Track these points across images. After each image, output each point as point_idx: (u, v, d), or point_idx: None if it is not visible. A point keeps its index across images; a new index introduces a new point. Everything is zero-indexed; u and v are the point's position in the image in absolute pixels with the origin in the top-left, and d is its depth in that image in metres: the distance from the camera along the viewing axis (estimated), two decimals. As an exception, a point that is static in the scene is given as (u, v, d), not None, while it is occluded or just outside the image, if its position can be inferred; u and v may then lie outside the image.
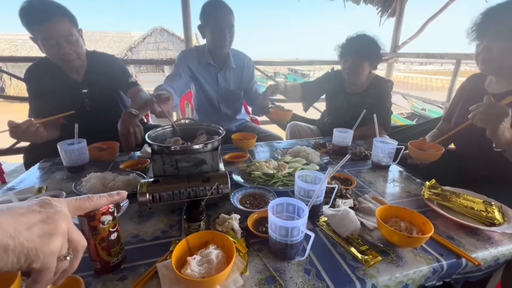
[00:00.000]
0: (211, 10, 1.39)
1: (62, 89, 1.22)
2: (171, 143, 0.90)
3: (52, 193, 0.81)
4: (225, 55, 1.56)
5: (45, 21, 1.05)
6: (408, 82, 18.85)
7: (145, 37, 10.36)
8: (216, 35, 1.42)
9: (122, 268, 0.55)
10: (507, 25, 0.88)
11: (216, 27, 1.40)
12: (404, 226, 0.64)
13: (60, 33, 1.08)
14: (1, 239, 0.28)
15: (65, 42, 1.10)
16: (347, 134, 1.16)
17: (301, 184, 0.71)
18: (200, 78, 1.57)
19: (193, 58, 1.54)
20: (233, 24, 1.43)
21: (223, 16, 1.39)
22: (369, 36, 1.45)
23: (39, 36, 1.08)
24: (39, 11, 1.05)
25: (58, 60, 1.16)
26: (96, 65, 1.29)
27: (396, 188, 0.93)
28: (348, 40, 1.49)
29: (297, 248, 0.57)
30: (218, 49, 1.49)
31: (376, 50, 1.45)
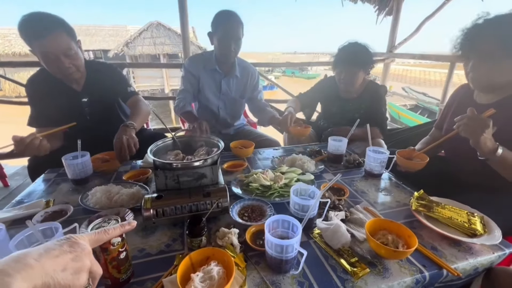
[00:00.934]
0: (221, 20, 1.44)
1: (62, 99, 1.25)
2: (172, 156, 0.94)
3: (60, 207, 0.85)
4: (230, 63, 1.60)
5: (43, 36, 1.06)
6: (406, 75, 18.84)
7: (141, 31, 10.24)
8: (223, 44, 1.47)
9: (131, 283, 0.60)
10: (489, 45, 0.91)
11: (224, 37, 1.44)
12: (391, 239, 0.69)
13: (58, 48, 1.09)
14: (44, 280, 0.34)
15: (63, 57, 1.11)
16: (341, 142, 1.20)
17: (296, 200, 0.75)
18: (204, 83, 1.61)
19: (198, 65, 1.59)
20: (241, 37, 1.47)
21: (232, 28, 1.43)
22: (360, 44, 1.48)
23: (38, 50, 1.10)
24: (37, 26, 1.06)
25: (57, 74, 1.18)
26: (95, 75, 1.31)
27: (387, 197, 0.98)
28: (340, 50, 1.52)
29: (291, 263, 0.62)
30: (223, 57, 1.54)
31: (369, 57, 1.49)
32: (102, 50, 12.24)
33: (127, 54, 10.22)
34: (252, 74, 1.70)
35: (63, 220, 0.79)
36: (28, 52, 1.17)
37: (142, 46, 10.10)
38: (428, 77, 17.00)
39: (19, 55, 10.25)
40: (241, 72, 1.65)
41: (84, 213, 0.85)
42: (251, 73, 1.69)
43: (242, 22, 1.45)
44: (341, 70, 1.53)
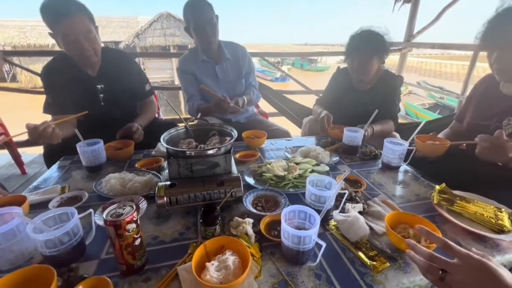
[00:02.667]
0: (188, 10, 1.44)
1: (77, 85, 1.26)
2: (185, 144, 0.92)
3: (75, 193, 0.86)
4: (216, 49, 1.59)
5: (66, 18, 1.08)
6: (421, 67, 18.19)
7: (151, 23, 10.23)
8: (199, 33, 1.46)
9: (145, 269, 0.60)
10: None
11: (196, 25, 1.44)
12: (413, 233, 0.66)
13: (79, 30, 1.11)
14: None
15: (84, 39, 1.13)
16: (357, 133, 1.16)
17: (313, 190, 0.73)
18: (200, 77, 1.60)
19: (190, 62, 1.60)
20: (212, 17, 1.45)
21: (200, 12, 1.42)
22: (373, 31, 1.39)
23: (59, 32, 1.11)
24: (60, 8, 1.08)
25: (76, 56, 1.18)
26: (110, 62, 1.31)
27: (405, 191, 0.94)
28: (352, 37, 1.43)
29: (309, 254, 0.60)
30: (206, 45, 1.53)
31: (383, 43, 1.39)
32: (113, 41, 12.34)
33: (138, 45, 10.25)
34: (242, 52, 1.68)
35: (78, 206, 0.79)
36: (42, 44, 1.18)
37: (152, 37, 10.09)
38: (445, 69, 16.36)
39: (33, 47, 10.44)
40: (230, 54, 1.63)
41: (98, 199, 0.86)
42: (241, 52, 1.68)
43: (209, 3, 1.44)
44: (354, 58, 1.45)
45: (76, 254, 0.61)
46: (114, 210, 0.55)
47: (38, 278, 0.51)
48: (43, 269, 0.52)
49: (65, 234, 0.57)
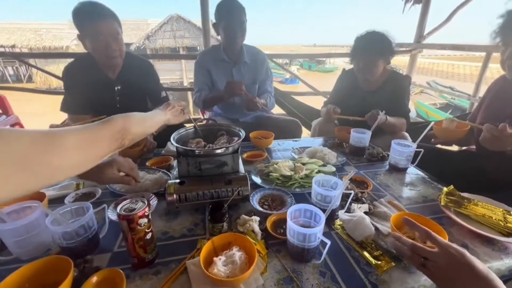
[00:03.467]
0: (222, 9, 1.49)
1: (97, 85, 1.30)
2: (193, 144, 0.95)
3: (89, 189, 0.89)
4: (238, 50, 1.63)
5: (98, 19, 1.15)
6: (433, 69, 17.82)
7: (161, 25, 10.41)
8: (228, 32, 1.51)
9: (156, 263, 0.62)
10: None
11: (227, 24, 1.48)
12: (418, 234, 0.67)
13: (109, 31, 1.17)
14: None
15: (112, 40, 1.19)
16: (364, 135, 1.16)
17: (319, 190, 0.74)
18: (215, 75, 1.64)
19: (208, 58, 1.64)
20: (244, 20, 1.49)
21: (234, 13, 1.47)
22: (378, 32, 1.40)
23: (89, 33, 1.17)
24: (92, 12, 1.15)
25: (102, 56, 1.23)
26: (131, 66, 1.36)
27: (412, 192, 0.94)
28: (357, 39, 1.45)
29: (313, 252, 0.61)
30: (231, 45, 1.58)
31: (388, 44, 1.41)
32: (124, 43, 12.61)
33: (148, 47, 10.45)
34: (261, 58, 1.71)
35: (92, 201, 0.82)
36: (57, 46, 1.23)
37: (162, 39, 10.28)
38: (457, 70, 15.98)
39: (49, 49, 10.78)
40: (250, 58, 1.66)
41: (111, 196, 0.89)
42: (261, 58, 1.70)
43: (243, 6, 1.48)
44: (359, 60, 1.46)
45: (91, 246, 0.64)
46: (127, 205, 0.57)
47: (57, 267, 0.54)
48: (61, 259, 0.55)
49: (81, 227, 0.60)
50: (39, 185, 0.40)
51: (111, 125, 0.55)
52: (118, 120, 0.58)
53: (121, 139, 0.56)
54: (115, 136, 0.55)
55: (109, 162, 0.77)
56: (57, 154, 0.41)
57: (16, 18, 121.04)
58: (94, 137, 0.50)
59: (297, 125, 1.68)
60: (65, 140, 0.43)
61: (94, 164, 0.50)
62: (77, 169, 0.47)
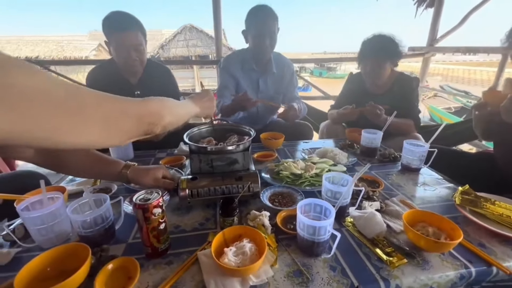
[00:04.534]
0: (253, 16, 1.43)
1: (118, 90, 1.35)
2: (204, 143, 0.97)
3: (105, 185, 0.93)
4: (267, 60, 1.58)
5: (124, 30, 1.22)
6: (448, 74, 17.36)
7: (175, 34, 10.75)
8: (257, 41, 1.45)
9: (168, 254, 0.64)
10: None
11: (257, 33, 1.43)
12: (432, 231, 0.65)
13: (132, 42, 1.25)
14: None
15: (134, 51, 1.27)
16: (376, 135, 1.16)
17: (329, 186, 0.74)
18: (242, 84, 1.60)
19: (236, 65, 1.58)
20: (275, 30, 1.44)
21: (265, 22, 1.41)
22: (385, 36, 1.41)
23: (114, 41, 1.25)
24: (121, 21, 1.23)
25: (123, 64, 1.32)
26: (151, 73, 1.43)
27: (426, 192, 0.92)
28: (364, 43, 1.46)
29: (323, 246, 0.61)
30: (259, 54, 1.52)
31: (395, 47, 1.41)
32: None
33: (162, 56, 10.80)
34: (288, 67, 1.66)
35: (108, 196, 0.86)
36: (77, 56, 1.32)
37: (176, 48, 10.60)
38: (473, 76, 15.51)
39: (69, 59, 11.34)
40: (277, 68, 1.61)
41: (126, 191, 0.92)
42: (287, 66, 1.66)
43: (276, 16, 1.43)
44: (366, 63, 1.46)
45: (107, 236, 0.66)
46: (143, 196, 0.60)
47: (76, 254, 0.57)
48: (80, 246, 0.57)
49: (99, 216, 0.63)
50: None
51: (145, 105, 0.51)
52: (154, 103, 0.54)
53: (152, 124, 0.51)
54: (146, 118, 0.50)
55: (158, 167, 0.86)
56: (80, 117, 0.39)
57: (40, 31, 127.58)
58: (122, 110, 0.47)
59: (308, 128, 1.67)
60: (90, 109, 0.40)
61: (115, 142, 0.47)
62: (97, 141, 0.42)
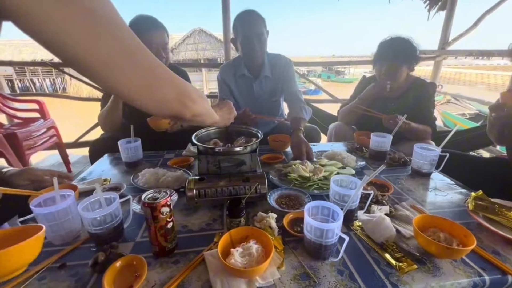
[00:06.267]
0: (239, 22, 1.40)
1: None
2: (210, 144, 0.98)
3: (115, 184, 0.95)
4: (259, 64, 1.53)
5: (152, 30, 1.29)
6: (460, 79, 16.95)
7: (185, 38, 10.92)
8: (245, 46, 1.41)
9: (175, 253, 0.64)
10: None
11: (244, 38, 1.39)
12: (443, 237, 0.64)
13: (160, 41, 1.32)
14: None
15: (161, 49, 1.34)
16: (385, 139, 1.14)
17: (337, 189, 0.73)
18: (235, 90, 1.59)
19: (229, 72, 1.58)
20: (263, 32, 1.39)
21: (251, 25, 1.37)
22: (403, 38, 1.39)
23: (145, 41, 1.27)
24: (149, 22, 1.30)
25: None
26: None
27: (437, 197, 0.90)
28: (381, 44, 1.44)
29: (331, 249, 0.61)
30: (250, 60, 1.49)
31: (413, 51, 1.39)
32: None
33: (172, 59, 10.99)
34: (285, 65, 1.58)
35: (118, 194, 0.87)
36: None
37: (185, 51, 10.75)
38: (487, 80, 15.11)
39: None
40: (272, 70, 1.56)
41: (135, 191, 0.93)
42: (283, 65, 1.57)
43: (263, 18, 1.38)
44: (382, 65, 1.44)
45: (116, 234, 0.67)
46: (151, 195, 0.60)
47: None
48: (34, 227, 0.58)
49: (108, 214, 0.64)
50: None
51: (185, 84, 0.55)
52: (192, 86, 0.58)
53: (185, 107, 0.54)
54: (183, 96, 0.54)
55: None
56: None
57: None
58: (171, 76, 0.51)
59: (316, 132, 1.65)
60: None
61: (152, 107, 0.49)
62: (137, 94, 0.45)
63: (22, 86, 12.80)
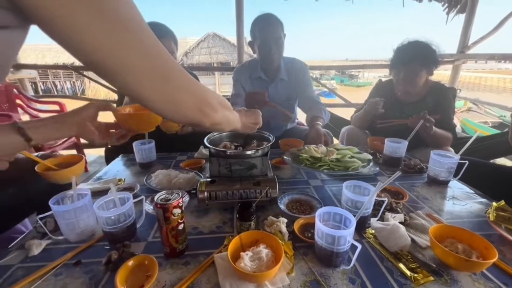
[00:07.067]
0: (258, 25, 1.42)
1: None
2: (221, 147, 0.99)
3: (129, 184, 0.97)
4: (276, 67, 1.56)
5: (159, 38, 1.29)
6: (480, 83, 16.28)
7: (199, 42, 11.14)
8: (263, 49, 1.44)
9: (185, 255, 0.65)
10: None
11: (262, 41, 1.42)
12: (462, 248, 0.61)
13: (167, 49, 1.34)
14: None
15: None
16: (400, 145, 1.11)
17: (349, 195, 0.72)
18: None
19: (245, 74, 1.59)
20: (281, 36, 1.41)
21: (269, 29, 1.39)
22: (421, 42, 1.35)
23: None
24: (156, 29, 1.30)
25: None
26: None
27: (455, 207, 0.86)
28: (399, 49, 1.40)
29: (343, 257, 0.59)
30: (267, 63, 1.50)
31: (432, 54, 1.34)
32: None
33: (186, 63, 11.20)
34: (300, 70, 1.60)
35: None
36: None
37: (199, 55, 10.96)
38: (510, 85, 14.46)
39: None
40: (288, 74, 1.58)
41: (148, 191, 0.95)
42: (299, 70, 1.60)
43: (281, 22, 1.41)
44: (400, 70, 1.41)
45: (129, 233, 0.69)
46: (164, 196, 0.61)
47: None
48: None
49: (122, 214, 0.66)
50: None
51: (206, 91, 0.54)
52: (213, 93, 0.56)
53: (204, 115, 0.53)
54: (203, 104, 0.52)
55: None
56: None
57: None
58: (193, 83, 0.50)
59: (329, 135, 1.63)
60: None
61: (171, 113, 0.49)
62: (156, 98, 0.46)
63: (44, 88, 13.41)
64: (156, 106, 0.46)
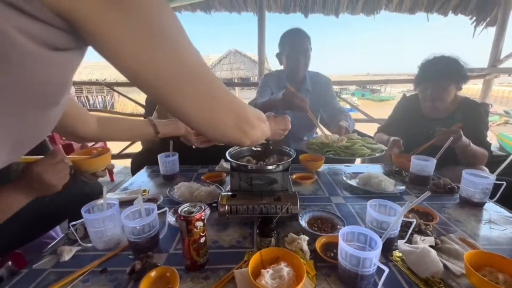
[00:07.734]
0: (287, 37, 1.54)
1: None
2: (243, 162, 1.00)
3: (153, 195, 1.00)
4: (301, 78, 1.63)
5: None
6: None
7: (221, 59, 11.61)
8: (291, 59, 1.53)
9: (206, 268, 0.65)
10: None
11: (291, 52, 1.52)
12: (503, 279, 0.56)
13: None
14: None
15: None
16: (428, 162, 1.06)
17: (374, 214, 0.69)
18: None
19: (273, 81, 1.69)
20: (308, 48, 1.52)
21: (298, 41, 1.50)
22: (448, 57, 1.31)
23: None
24: None
25: None
26: None
27: (492, 232, 0.79)
28: (424, 64, 1.37)
29: (368, 280, 0.56)
30: (294, 73, 1.59)
31: (460, 68, 1.30)
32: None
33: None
34: (325, 84, 1.68)
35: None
36: None
37: (220, 71, 11.39)
38: (549, 99, 13.38)
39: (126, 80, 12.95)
40: (313, 85, 1.65)
41: (170, 203, 0.98)
42: (324, 84, 1.67)
43: (309, 36, 1.51)
44: (427, 86, 1.37)
45: (152, 244, 0.70)
46: (187, 208, 0.63)
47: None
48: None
49: (147, 224, 0.68)
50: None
51: (246, 108, 0.52)
52: (252, 110, 0.56)
53: (243, 133, 0.52)
54: (243, 123, 0.51)
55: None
56: None
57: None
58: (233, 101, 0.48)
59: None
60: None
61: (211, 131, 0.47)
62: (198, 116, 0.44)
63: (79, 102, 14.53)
64: (200, 125, 0.45)
